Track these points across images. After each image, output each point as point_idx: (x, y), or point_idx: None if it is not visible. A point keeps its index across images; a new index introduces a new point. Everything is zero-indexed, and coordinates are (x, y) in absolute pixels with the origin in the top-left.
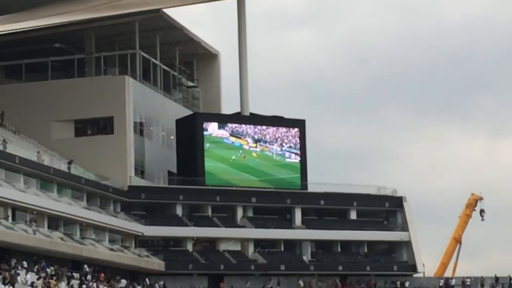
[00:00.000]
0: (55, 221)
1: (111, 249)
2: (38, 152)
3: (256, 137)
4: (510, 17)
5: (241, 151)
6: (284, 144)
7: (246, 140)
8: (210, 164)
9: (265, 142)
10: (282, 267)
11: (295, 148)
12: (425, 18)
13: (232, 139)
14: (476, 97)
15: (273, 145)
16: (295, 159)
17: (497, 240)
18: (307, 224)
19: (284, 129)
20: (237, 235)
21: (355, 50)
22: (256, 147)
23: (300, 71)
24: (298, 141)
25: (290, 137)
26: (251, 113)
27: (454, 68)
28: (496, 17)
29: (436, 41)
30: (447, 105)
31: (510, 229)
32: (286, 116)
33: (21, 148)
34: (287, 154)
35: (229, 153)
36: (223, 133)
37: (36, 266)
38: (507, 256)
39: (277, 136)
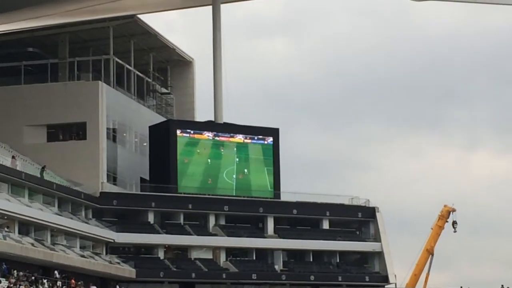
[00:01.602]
0: (26, 227)
1: (82, 256)
2: (13, 157)
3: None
4: (485, 29)
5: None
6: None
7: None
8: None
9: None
10: (254, 276)
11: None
12: (400, 29)
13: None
14: (450, 108)
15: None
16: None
17: (469, 252)
18: (279, 233)
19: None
20: (209, 243)
21: (329, 59)
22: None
23: (274, 79)
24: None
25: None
26: (224, 122)
27: (429, 79)
28: (471, 30)
29: (411, 52)
30: (421, 116)
31: (482, 241)
32: (260, 124)
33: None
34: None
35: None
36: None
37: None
38: (479, 268)
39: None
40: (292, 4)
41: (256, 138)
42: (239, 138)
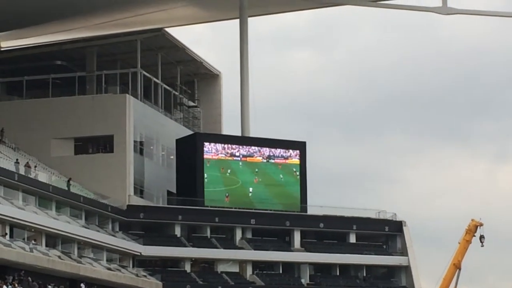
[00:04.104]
0: (53, 239)
1: (109, 268)
2: (33, 167)
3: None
4: None
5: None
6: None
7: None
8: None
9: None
10: None
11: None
12: (428, 41)
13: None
14: (478, 121)
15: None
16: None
17: (496, 267)
18: (306, 246)
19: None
20: (235, 256)
21: (357, 72)
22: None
23: (301, 92)
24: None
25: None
26: (251, 135)
27: (457, 91)
28: (499, 41)
29: (438, 64)
30: (448, 129)
31: (509, 256)
32: (287, 137)
33: (20, 165)
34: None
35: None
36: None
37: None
38: (507, 282)
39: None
40: (319, 17)
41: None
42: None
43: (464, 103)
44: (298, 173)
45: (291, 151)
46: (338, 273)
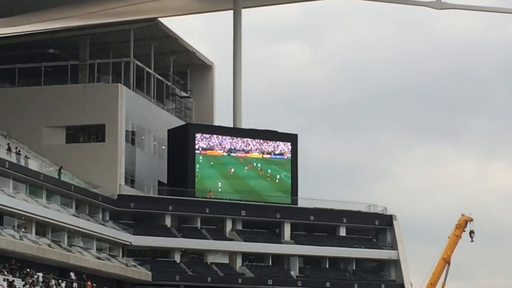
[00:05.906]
0: (43, 228)
1: (99, 258)
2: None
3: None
4: (505, 39)
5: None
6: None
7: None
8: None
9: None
10: (270, 281)
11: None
12: (421, 36)
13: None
14: (469, 118)
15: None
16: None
17: (485, 262)
18: (296, 239)
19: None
20: (225, 247)
21: (348, 66)
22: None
23: (293, 85)
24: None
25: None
26: (243, 127)
27: (448, 88)
28: (492, 37)
29: (431, 60)
30: (439, 125)
31: (499, 251)
32: (279, 129)
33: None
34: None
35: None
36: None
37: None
38: (495, 278)
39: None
40: (312, 9)
41: (273, 154)
42: (256, 154)
43: (455, 99)
44: (289, 166)
45: (288, 144)
46: (327, 266)
